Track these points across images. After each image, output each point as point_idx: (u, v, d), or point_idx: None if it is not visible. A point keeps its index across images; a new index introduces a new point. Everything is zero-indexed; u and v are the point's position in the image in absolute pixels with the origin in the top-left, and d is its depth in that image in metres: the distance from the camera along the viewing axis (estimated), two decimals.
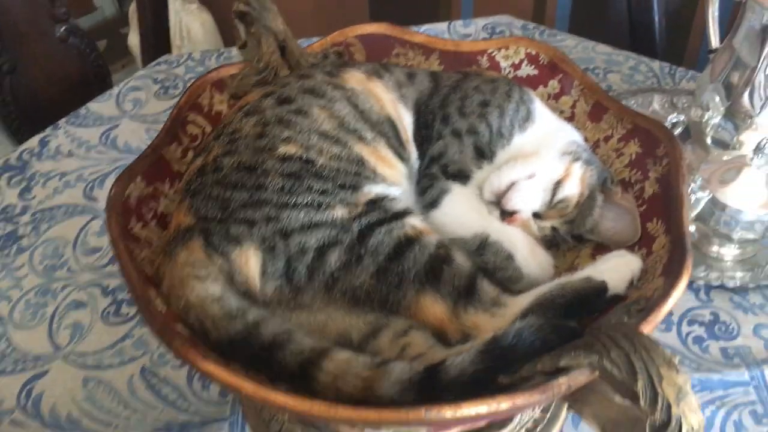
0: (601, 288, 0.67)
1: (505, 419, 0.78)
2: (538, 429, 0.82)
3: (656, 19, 1.54)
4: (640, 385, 0.51)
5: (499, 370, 0.57)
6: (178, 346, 0.59)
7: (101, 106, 1.40)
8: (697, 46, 1.78)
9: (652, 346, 0.52)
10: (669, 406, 0.50)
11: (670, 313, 0.96)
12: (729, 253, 1.02)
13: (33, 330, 0.99)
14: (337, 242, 0.68)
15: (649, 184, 0.77)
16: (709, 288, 0.99)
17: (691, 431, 0.51)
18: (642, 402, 0.51)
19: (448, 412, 0.53)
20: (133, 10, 2.73)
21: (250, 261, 0.67)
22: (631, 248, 0.74)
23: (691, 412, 0.51)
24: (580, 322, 0.63)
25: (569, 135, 0.85)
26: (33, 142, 1.31)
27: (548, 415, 0.83)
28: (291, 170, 0.70)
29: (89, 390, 0.91)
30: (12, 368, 0.94)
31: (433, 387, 0.57)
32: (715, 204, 0.98)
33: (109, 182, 1.20)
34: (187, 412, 0.88)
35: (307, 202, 0.68)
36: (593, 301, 0.66)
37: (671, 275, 0.63)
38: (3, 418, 0.89)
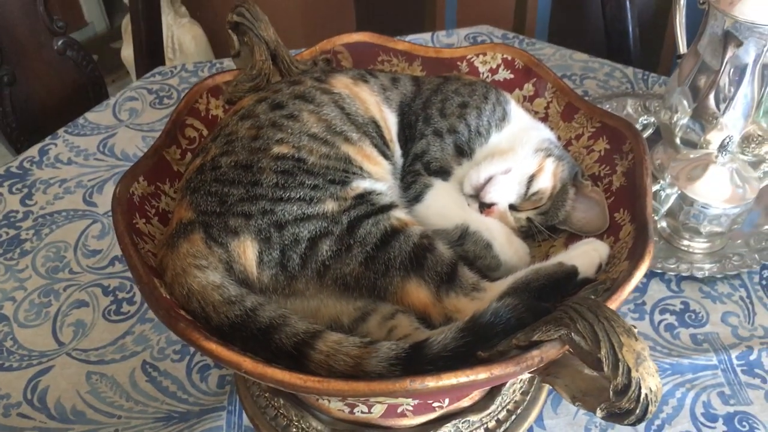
0: (571, 272, 0.72)
1: (488, 400, 0.84)
2: (519, 410, 0.87)
3: (630, 28, 1.60)
4: (603, 353, 0.56)
5: (478, 345, 0.62)
6: (182, 328, 0.63)
7: (98, 115, 1.44)
8: (670, 53, 1.84)
9: (614, 317, 0.57)
10: (629, 371, 0.55)
11: (644, 303, 1.02)
12: (698, 246, 1.08)
13: (38, 328, 1.03)
14: (328, 233, 0.72)
15: (616, 177, 0.83)
16: (679, 279, 1.05)
17: (650, 392, 0.55)
18: (605, 368, 0.56)
19: (431, 382, 0.58)
20: (126, 23, 2.79)
21: (247, 251, 0.71)
22: (600, 237, 0.79)
23: (649, 375, 0.55)
24: (555, 305, 0.68)
25: (542, 133, 0.90)
26: (33, 150, 1.36)
27: (528, 398, 0.88)
28: (284, 168, 0.75)
29: (93, 383, 0.95)
30: (18, 364, 0.98)
31: (418, 362, 0.62)
32: (684, 200, 1.03)
33: (108, 188, 1.25)
34: (187, 402, 0.93)
35: (299, 197, 0.73)
36: (565, 284, 0.72)
37: (635, 259, 0.68)
38: (10, 411, 0.93)
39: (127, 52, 2.76)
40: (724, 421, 0.88)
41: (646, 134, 1.15)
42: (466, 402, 0.82)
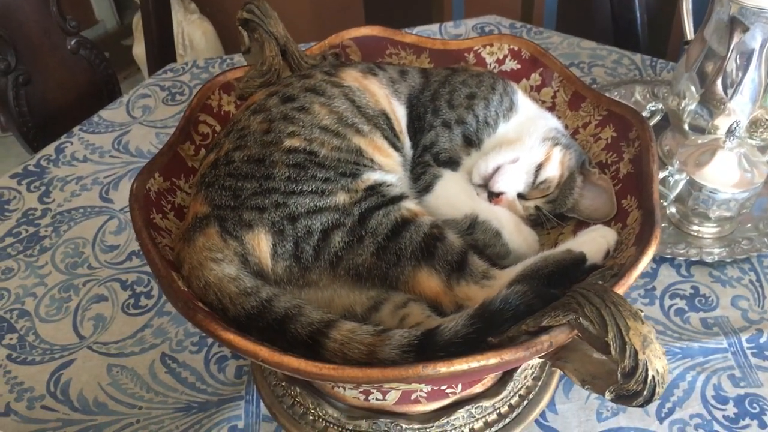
0: (580, 258, 0.73)
1: (500, 386, 0.85)
2: (531, 395, 0.88)
3: (638, 14, 1.60)
4: (610, 336, 0.57)
5: (488, 331, 0.64)
6: (200, 319, 0.65)
7: (112, 113, 1.47)
8: (678, 39, 1.84)
9: (620, 301, 0.58)
10: (636, 353, 0.56)
11: (654, 288, 1.03)
12: (708, 231, 1.08)
13: (59, 323, 1.06)
14: (340, 225, 0.74)
15: (623, 164, 0.84)
16: (689, 264, 1.06)
17: (657, 374, 0.57)
18: (613, 351, 0.57)
19: (443, 367, 0.59)
20: (137, 21, 2.81)
21: (261, 243, 0.73)
22: (608, 223, 0.80)
23: (655, 357, 0.57)
24: (563, 291, 0.69)
25: (549, 122, 0.91)
26: (50, 149, 1.38)
27: (540, 383, 0.89)
28: (296, 161, 0.77)
29: (113, 376, 0.98)
30: (41, 358, 1.01)
31: (430, 348, 0.63)
32: (692, 185, 1.04)
33: (124, 184, 1.27)
34: (205, 392, 0.95)
35: (311, 189, 0.75)
36: (573, 270, 0.73)
37: (642, 244, 0.69)
38: (34, 403, 0.95)
39: (139, 50, 2.79)
40: (734, 403, 0.89)
41: (654, 121, 1.16)
42: (478, 388, 0.83)
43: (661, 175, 1.04)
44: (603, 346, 0.59)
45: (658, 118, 1.16)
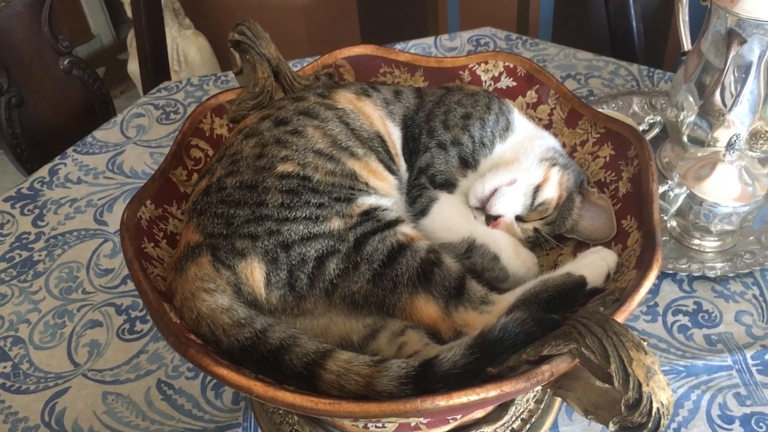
0: (580, 282, 0.72)
1: (501, 411, 0.83)
2: (533, 419, 0.87)
3: (634, 24, 1.59)
4: (613, 368, 0.56)
5: (487, 361, 0.62)
6: (192, 354, 0.63)
7: (106, 133, 1.45)
8: (676, 47, 1.83)
9: (622, 331, 0.57)
10: (639, 385, 0.55)
11: (656, 305, 1.01)
12: (709, 245, 1.07)
13: (53, 350, 1.04)
14: (335, 251, 0.72)
15: (622, 183, 0.82)
16: (691, 279, 1.04)
17: (662, 407, 0.55)
18: (616, 383, 0.56)
19: (441, 401, 0.58)
20: (131, 37, 2.80)
21: (254, 272, 0.72)
22: (608, 244, 0.79)
23: (660, 389, 0.55)
24: (564, 316, 0.68)
25: (546, 142, 0.90)
26: (43, 171, 1.37)
27: (542, 406, 0.88)
28: (289, 186, 0.75)
29: (109, 404, 0.96)
30: (35, 387, 0.99)
31: (428, 380, 0.62)
32: (692, 199, 1.02)
33: (118, 206, 1.26)
34: (202, 420, 0.93)
35: (305, 216, 0.73)
36: (573, 294, 0.71)
37: (643, 267, 0.68)
38: None
39: (134, 66, 2.78)
40: (740, 422, 0.87)
41: (653, 133, 1.14)
42: (479, 413, 0.82)
43: (661, 189, 1.03)
44: (606, 377, 0.57)
45: (656, 130, 1.15)
